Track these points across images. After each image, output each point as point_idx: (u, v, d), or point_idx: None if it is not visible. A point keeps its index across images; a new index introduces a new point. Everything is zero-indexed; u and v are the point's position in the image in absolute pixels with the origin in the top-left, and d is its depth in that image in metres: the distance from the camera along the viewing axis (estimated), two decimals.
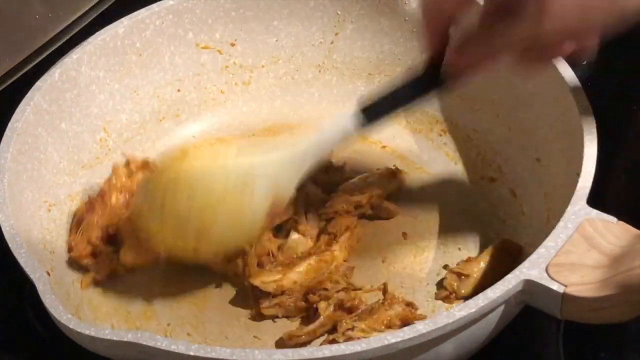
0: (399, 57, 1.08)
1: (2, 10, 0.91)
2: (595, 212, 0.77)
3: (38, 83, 0.93)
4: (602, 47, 0.76)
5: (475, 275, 0.88)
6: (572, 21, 0.71)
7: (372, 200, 0.97)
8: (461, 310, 0.71)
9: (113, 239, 0.93)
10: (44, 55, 0.96)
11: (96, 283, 0.91)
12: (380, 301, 0.86)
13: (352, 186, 0.98)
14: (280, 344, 0.85)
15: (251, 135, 1.08)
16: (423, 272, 0.92)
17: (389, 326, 0.84)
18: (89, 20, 1.01)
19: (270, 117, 1.10)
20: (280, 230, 0.94)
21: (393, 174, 1.00)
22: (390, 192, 0.99)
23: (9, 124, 0.89)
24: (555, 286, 0.72)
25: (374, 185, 0.97)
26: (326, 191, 0.98)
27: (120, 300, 0.90)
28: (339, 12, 1.08)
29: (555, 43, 0.74)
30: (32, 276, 0.76)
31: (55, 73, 0.95)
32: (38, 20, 0.94)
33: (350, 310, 0.86)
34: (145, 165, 0.98)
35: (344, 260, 0.91)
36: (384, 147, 1.05)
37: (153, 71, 1.05)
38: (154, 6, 1.03)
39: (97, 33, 0.99)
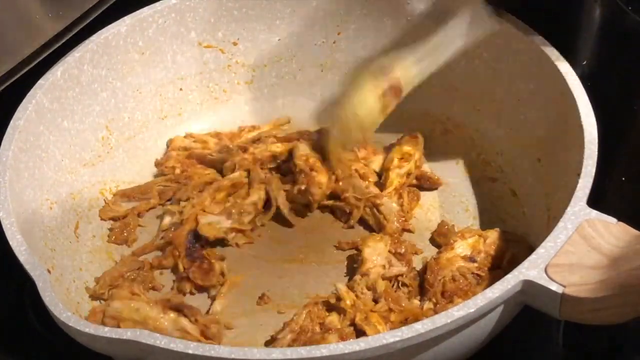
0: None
1: (3, 10, 0.91)
2: (595, 213, 0.77)
3: (40, 81, 0.94)
4: (602, 47, 0.76)
5: None
6: None
7: (417, 170, 1.00)
8: (460, 310, 0.71)
9: None
10: (45, 55, 0.96)
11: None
12: None
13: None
14: None
15: None
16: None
17: None
18: (90, 20, 1.01)
19: (272, 116, 1.11)
20: None
21: (415, 138, 1.02)
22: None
23: (11, 122, 0.90)
24: (554, 287, 0.72)
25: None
26: None
27: None
28: (341, 12, 1.08)
29: None
30: (32, 274, 0.76)
31: (57, 71, 0.95)
32: (38, 20, 0.94)
33: None
34: None
35: None
36: (386, 147, 1.05)
37: (155, 70, 1.05)
38: (157, 5, 1.03)
39: (100, 31, 1.00)
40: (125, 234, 0.97)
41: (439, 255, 0.88)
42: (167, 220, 0.97)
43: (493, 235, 0.89)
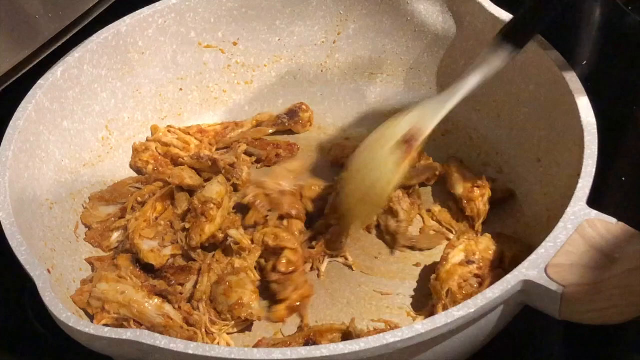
0: (401, 56, 1.08)
1: (3, 10, 0.91)
2: (594, 213, 0.77)
3: (40, 81, 0.94)
4: (602, 47, 0.75)
5: None
6: None
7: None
8: (460, 310, 0.71)
9: None
10: (45, 55, 0.96)
11: None
12: None
13: None
14: None
15: None
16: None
17: None
18: (90, 20, 1.01)
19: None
20: None
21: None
22: None
23: (11, 122, 0.90)
24: (554, 287, 0.72)
25: None
26: None
27: None
28: (341, 12, 1.08)
29: None
30: (32, 274, 0.76)
31: (57, 71, 0.95)
32: (38, 20, 0.94)
33: None
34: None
35: None
36: None
37: (155, 70, 1.05)
38: (157, 5, 1.03)
39: (100, 32, 1.00)
40: (100, 239, 0.96)
41: (438, 272, 0.87)
42: (115, 236, 0.96)
43: (485, 240, 0.88)
